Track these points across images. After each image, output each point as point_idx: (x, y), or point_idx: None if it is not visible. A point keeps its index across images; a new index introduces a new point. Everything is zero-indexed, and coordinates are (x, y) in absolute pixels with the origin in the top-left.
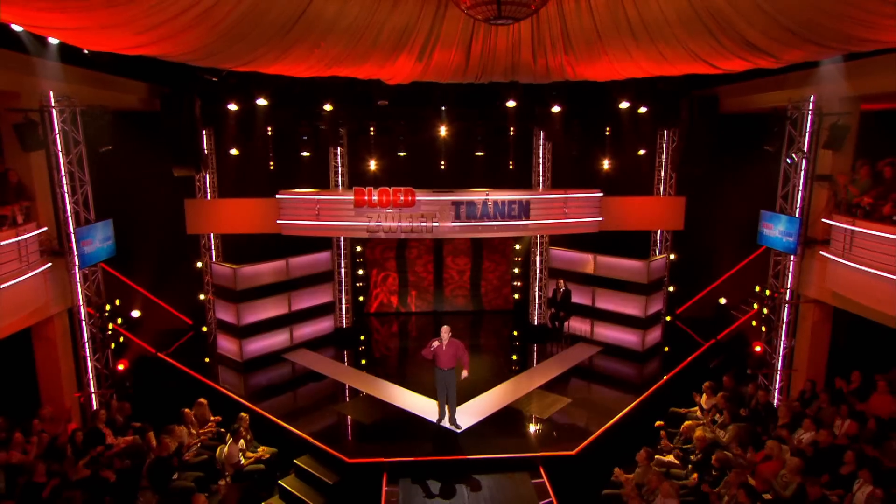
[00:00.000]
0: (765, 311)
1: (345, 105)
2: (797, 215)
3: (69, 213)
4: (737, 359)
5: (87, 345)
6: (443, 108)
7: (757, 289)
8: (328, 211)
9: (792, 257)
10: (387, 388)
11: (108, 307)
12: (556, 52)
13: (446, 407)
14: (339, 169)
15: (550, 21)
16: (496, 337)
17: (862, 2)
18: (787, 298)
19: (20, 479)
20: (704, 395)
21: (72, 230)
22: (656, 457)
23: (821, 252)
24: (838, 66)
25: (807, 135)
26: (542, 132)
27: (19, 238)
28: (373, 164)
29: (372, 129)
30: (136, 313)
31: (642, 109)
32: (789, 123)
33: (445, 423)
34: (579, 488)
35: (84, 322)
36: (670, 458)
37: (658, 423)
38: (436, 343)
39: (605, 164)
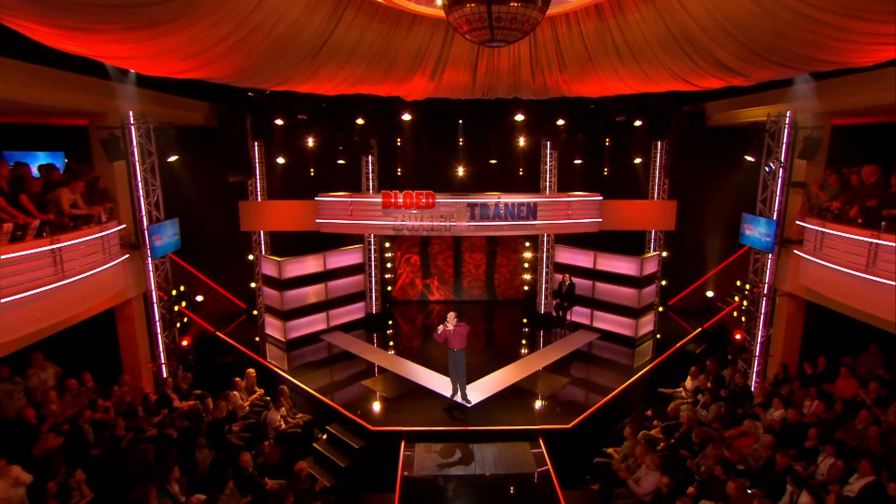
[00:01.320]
0: (745, 303)
1: (374, 119)
2: (774, 218)
3: (143, 213)
4: (720, 345)
5: (157, 323)
6: (460, 121)
7: (738, 283)
8: (360, 211)
9: (770, 255)
10: (408, 367)
11: (174, 292)
12: (552, 71)
13: (458, 384)
14: (370, 175)
15: (546, 44)
16: (507, 324)
17: (813, 27)
18: (765, 292)
19: (105, 433)
20: (689, 378)
21: (145, 227)
22: (643, 432)
23: (795, 251)
24: (812, 84)
25: (783, 146)
26: (548, 142)
27: (103, 234)
28: (399, 171)
29: (398, 139)
30: (199, 298)
31: (637, 123)
32: (768, 136)
33: (458, 398)
34: (573, 457)
35: (155, 304)
36: (656, 432)
37: (648, 411)
38: (441, 328)
39: (605, 171)
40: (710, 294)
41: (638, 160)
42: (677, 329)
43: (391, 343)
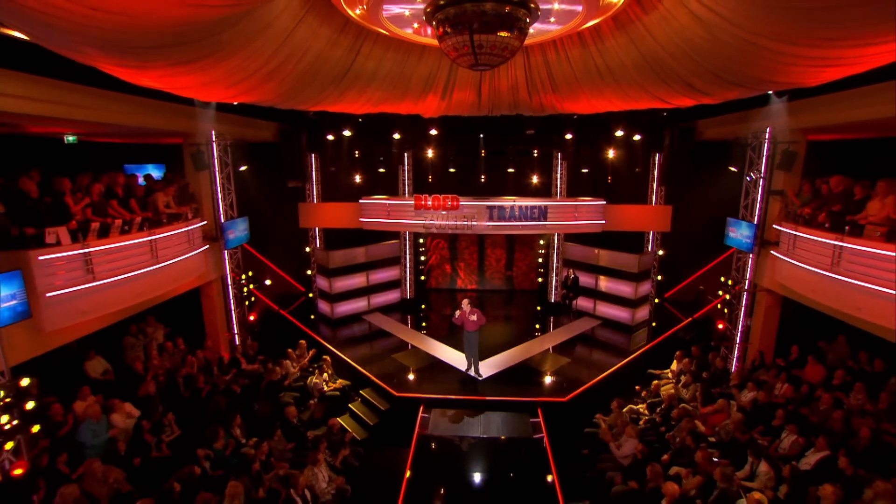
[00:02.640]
0: (727, 296)
1: (409, 134)
2: (755, 222)
3: (221, 212)
4: (706, 334)
5: (231, 301)
6: (481, 135)
7: (722, 279)
8: (396, 212)
9: (750, 255)
10: (432, 344)
11: (243, 277)
12: (545, 91)
13: (472, 360)
14: (406, 181)
15: (539, 68)
16: (521, 310)
17: (757, 51)
18: (746, 288)
19: (190, 386)
20: (675, 361)
21: (222, 223)
22: (630, 406)
23: (772, 252)
24: (788, 104)
25: (764, 158)
26: (558, 154)
27: (188, 228)
28: (430, 178)
29: (430, 151)
30: (267, 282)
31: (637, 137)
32: (750, 149)
33: (471, 372)
34: (568, 427)
35: (230, 286)
36: (642, 407)
37: (637, 387)
38: (458, 312)
39: (609, 180)
40: (701, 288)
41: (638, 170)
42: (671, 318)
43: (423, 324)
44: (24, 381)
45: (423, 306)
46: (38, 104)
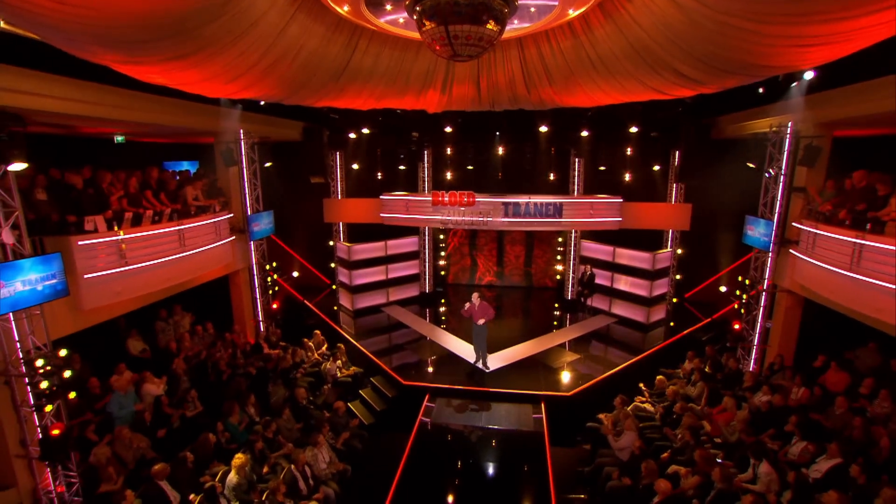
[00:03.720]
0: (744, 296)
1: (427, 132)
2: (775, 220)
3: (247, 206)
4: (725, 334)
5: (257, 290)
6: (497, 133)
7: (740, 278)
8: (414, 208)
9: (770, 254)
10: (444, 336)
11: (268, 267)
12: (543, 85)
13: (480, 352)
14: (425, 178)
15: (534, 61)
16: (538, 306)
17: (733, 32)
18: (765, 288)
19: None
20: (687, 361)
21: (248, 216)
22: (635, 403)
23: (790, 251)
24: (811, 96)
25: (785, 153)
26: (575, 151)
27: (214, 220)
28: (448, 175)
29: (448, 149)
30: (295, 273)
31: (654, 134)
32: (770, 145)
33: (479, 364)
34: (571, 421)
35: (255, 276)
36: (647, 405)
37: (642, 384)
38: (467, 305)
39: (627, 177)
40: (723, 289)
41: (657, 167)
42: (690, 319)
43: (436, 317)
44: (62, 352)
45: (442, 301)
46: (88, 106)
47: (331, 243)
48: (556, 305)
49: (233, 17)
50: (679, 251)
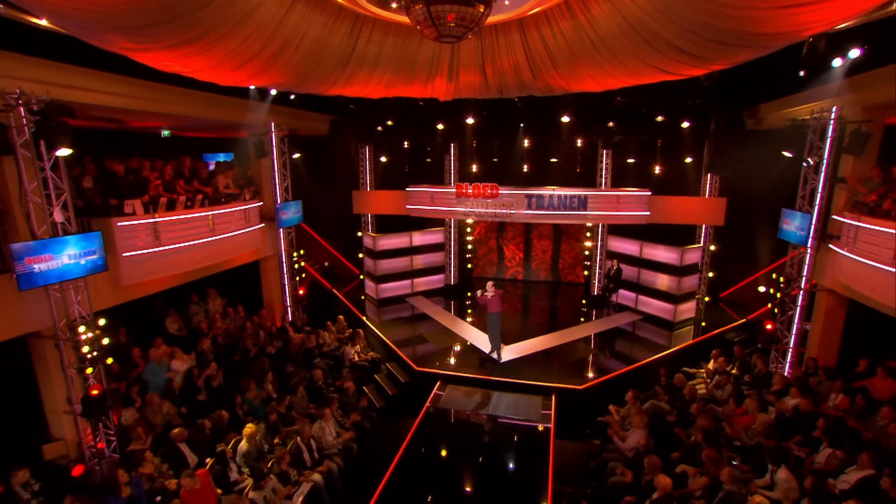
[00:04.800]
0: (778, 294)
1: (452, 125)
2: (814, 212)
3: (277, 195)
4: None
5: (285, 276)
6: (521, 125)
7: (774, 276)
8: (439, 199)
9: (808, 250)
10: (462, 326)
11: (295, 254)
12: (548, 69)
13: (494, 342)
14: (451, 170)
15: (536, 45)
16: (563, 301)
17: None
18: (802, 286)
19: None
20: (712, 361)
21: (277, 205)
22: (652, 401)
23: (829, 245)
24: (861, 76)
25: (828, 140)
26: (602, 143)
27: (243, 207)
28: (474, 167)
29: (474, 142)
30: (326, 263)
31: (685, 124)
32: (811, 132)
33: (494, 354)
34: (582, 415)
35: (283, 263)
36: (662, 403)
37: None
38: (479, 292)
39: (657, 170)
40: (762, 289)
41: (689, 160)
42: (724, 319)
43: (460, 309)
44: (101, 321)
45: (468, 293)
46: (129, 99)
47: (359, 234)
48: (584, 302)
49: (226, 4)
50: (712, 248)
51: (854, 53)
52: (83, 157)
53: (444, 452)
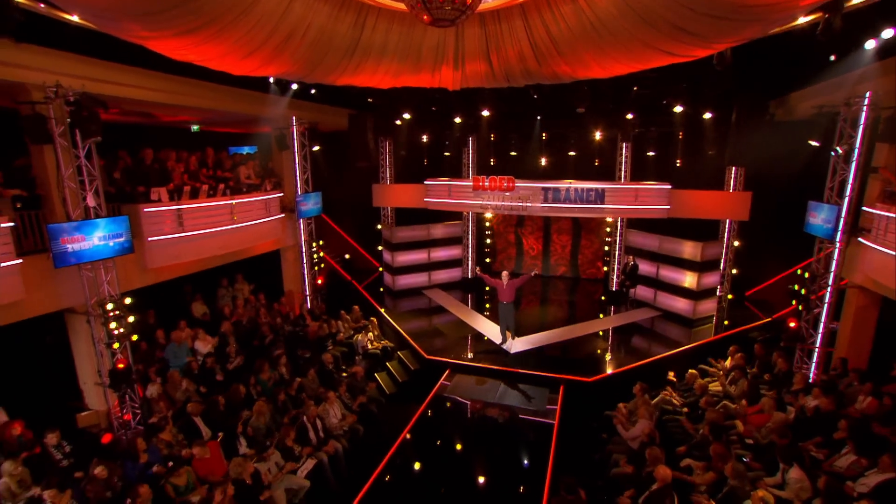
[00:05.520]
0: (803, 291)
1: (470, 118)
2: (844, 205)
3: (298, 187)
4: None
5: (304, 265)
6: (538, 118)
7: (799, 272)
8: (456, 192)
9: (836, 244)
10: (476, 318)
11: (314, 245)
12: (552, 56)
13: (506, 332)
14: (469, 164)
15: (539, 30)
16: (581, 297)
17: None
18: (830, 282)
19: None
20: (729, 358)
21: (298, 196)
22: (662, 394)
23: (858, 239)
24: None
25: (860, 128)
26: (621, 136)
27: (264, 197)
28: (492, 160)
29: (492, 135)
30: (346, 256)
31: (707, 115)
32: (841, 120)
33: (505, 345)
34: (588, 407)
35: (304, 253)
36: (674, 397)
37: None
38: (495, 280)
39: (678, 163)
40: (795, 287)
41: (711, 152)
42: (747, 316)
43: (476, 301)
44: (128, 300)
45: (486, 288)
46: (156, 92)
47: (378, 227)
48: (603, 298)
49: None
50: (736, 243)
51: (888, 34)
52: (118, 150)
53: (445, 437)
